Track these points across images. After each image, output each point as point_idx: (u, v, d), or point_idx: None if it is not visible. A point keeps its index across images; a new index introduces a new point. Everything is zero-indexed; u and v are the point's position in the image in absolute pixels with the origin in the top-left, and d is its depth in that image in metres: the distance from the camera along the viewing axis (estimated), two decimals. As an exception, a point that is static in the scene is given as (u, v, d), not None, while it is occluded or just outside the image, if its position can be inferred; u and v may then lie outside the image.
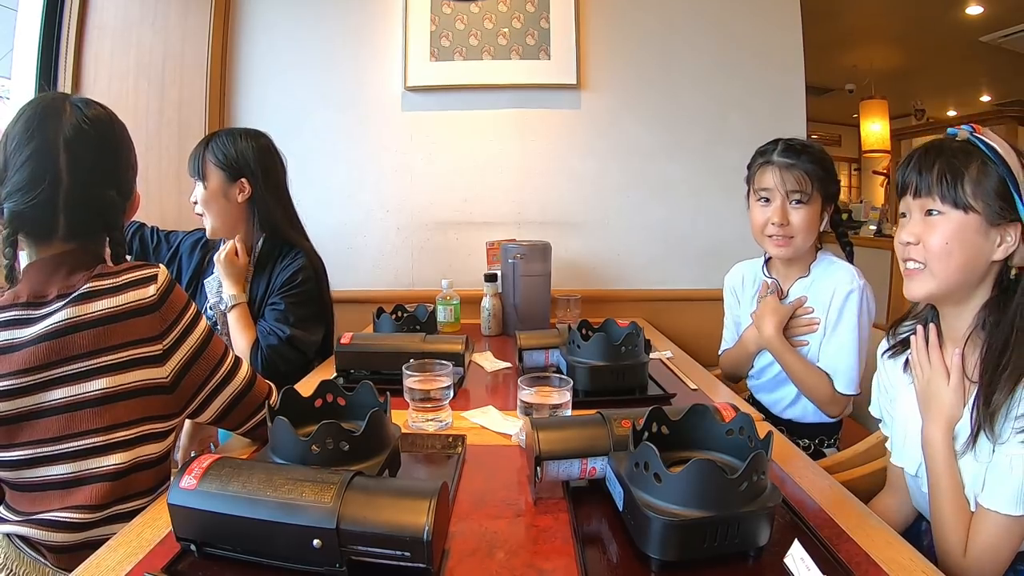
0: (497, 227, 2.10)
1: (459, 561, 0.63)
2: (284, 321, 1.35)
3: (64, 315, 0.76)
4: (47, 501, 0.78)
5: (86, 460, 0.78)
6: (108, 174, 0.86)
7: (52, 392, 0.76)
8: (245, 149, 1.41)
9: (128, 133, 0.90)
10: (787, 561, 0.60)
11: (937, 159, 0.81)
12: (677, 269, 2.11)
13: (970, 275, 0.81)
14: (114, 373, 0.77)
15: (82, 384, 0.76)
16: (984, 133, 0.80)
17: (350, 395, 0.87)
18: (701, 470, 0.59)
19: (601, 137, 2.09)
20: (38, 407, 0.77)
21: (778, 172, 1.22)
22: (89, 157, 0.83)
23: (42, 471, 0.78)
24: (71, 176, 0.81)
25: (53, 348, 0.76)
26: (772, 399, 1.37)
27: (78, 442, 0.77)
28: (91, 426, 0.77)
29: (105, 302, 0.78)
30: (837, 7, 3.59)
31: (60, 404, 0.77)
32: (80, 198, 0.82)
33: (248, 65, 2.13)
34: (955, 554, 0.78)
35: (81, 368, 0.76)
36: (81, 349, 0.76)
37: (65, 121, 0.81)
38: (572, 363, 1.14)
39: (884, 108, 5.74)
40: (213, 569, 0.61)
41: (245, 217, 1.44)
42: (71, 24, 1.77)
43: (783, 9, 2.05)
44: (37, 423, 0.77)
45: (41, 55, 1.75)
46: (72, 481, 0.78)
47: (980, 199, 0.78)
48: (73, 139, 0.81)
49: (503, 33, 2.05)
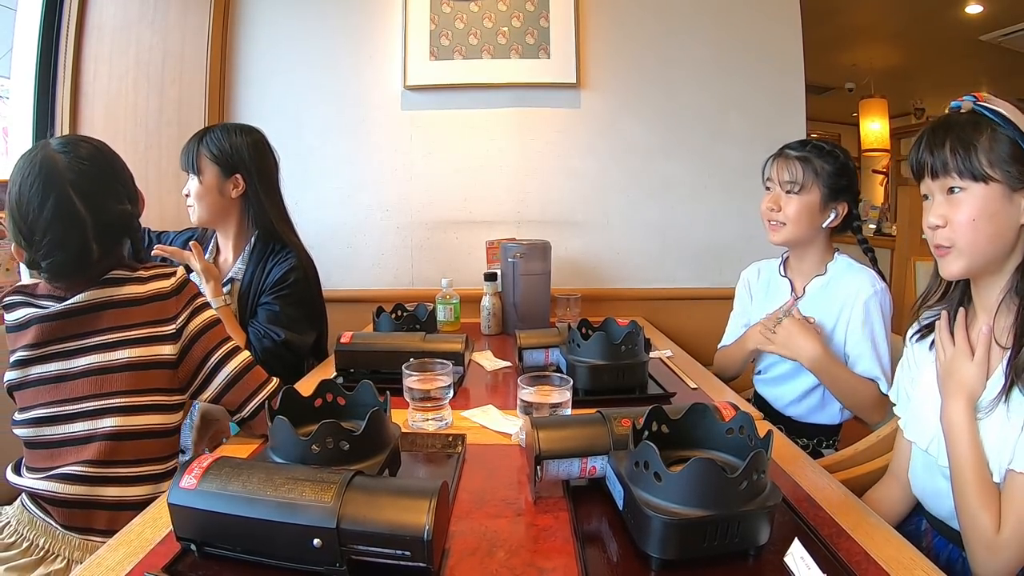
0: (497, 226, 2.10)
1: (459, 560, 0.63)
2: (277, 323, 1.35)
3: (89, 295, 0.90)
4: (62, 456, 0.89)
5: (101, 419, 0.89)
6: (117, 194, 0.95)
7: (77, 359, 0.89)
8: (240, 144, 1.41)
9: (111, 149, 0.98)
10: (787, 560, 0.60)
11: (947, 135, 0.80)
12: (677, 268, 2.11)
13: (1001, 245, 0.79)
14: (134, 347, 0.91)
15: (106, 353, 0.90)
16: (988, 100, 0.79)
17: (350, 395, 0.87)
18: (701, 469, 0.59)
19: (601, 136, 2.09)
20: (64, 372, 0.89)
21: (779, 162, 1.30)
22: (98, 190, 0.92)
23: (61, 428, 0.89)
24: (91, 213, 0.90)
25: (78, 322, 0.90)
26: (776, 394, 1.37)
27: (95, 403, 0.89)
28: (111, 389, 0.90)
29: (131, 288, 0.93)
30: (837, 6, 3.58)
31: (85, 369, 0.89)
32: (103, 225, 0.92)
33: (248, 64, 2.13)
34: (988, 533, 0.74)
35: (106, 340, 0.90)
36: (109, 324, 0.91)
37: (64, 170, 0.89)
38: (572, 362, 1.14)
39: (884, 107, 5.74)
40: (213, 569, 0.61)
41: (237, 212, 1.45)
42: (70, 23, 1.77)
43: (783, 8, 2.05)
44: (62, 385, 0.89)
45: (41, 55, 1.75)
46: (84, 438, 0.89)
47: (997, 167, 0.77)
48: (78, 182, 0.90)
49: (503, 32, 2.05)
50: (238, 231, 1.47)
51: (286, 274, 1.39)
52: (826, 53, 4.47)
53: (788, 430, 1.32)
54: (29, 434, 0.91)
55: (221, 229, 1.50)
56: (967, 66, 4.75)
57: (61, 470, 0.88)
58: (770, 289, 1.42)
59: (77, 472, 0.88)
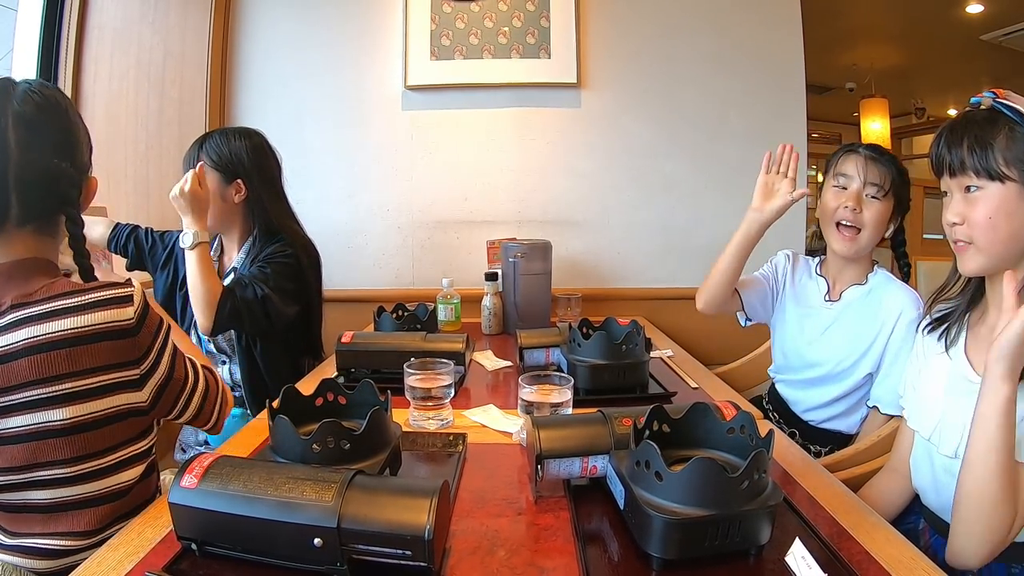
0: (497, 226, 2.10)
1: (460, 559, 0.63)
2: (264, 281, 1.33)
3: (22, 335, 0.68)
4: (29, 523, 0.74)
5: (60, 488, 0.73)
6: (61, 147, 0.79)
7: (9, 419, 0.69)
8: (239, 149, 1.41)
9: (81, 117, 0.84)
10: (788, 560, 0.60)
11: (965, 134, 0.80)
12: (678, 267, 2.11)
13: (1019, 243, 0.79)
14: (84, 400, 0.71)
15: (45, 411, 0.69)
16: (1007, 96, 0.79)
17: (351, 394, 0.87)
18: (702, 469, 0.59)
19: (601, 136, 2.09)
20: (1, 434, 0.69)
21: (862, 160, 1.20)
22: (40, 129, 0.76)
23: (19, 495, 0.73)
24: (21, 150, 0.73)
25: (6, 372, 0.68)
26: (799, 396, 1.34)
27: (46, 472, 0.72)
28: (57, 456, 0.71)
29: (71, 321, 0.70)
30: (837, 6, 3.58)
31: (21, 433, 0.69)
32: (32, 171, 0.75)
33: (248, 64, 2.13)
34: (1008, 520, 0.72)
35: (43, 394, 0.69)
36: (42, 374, 0.68)
37: (14, 98, 0.75)
38: (573, 361, 1.14)
39: (884, 107, 5.72)
40: (214, 568, 0.61)
41: (241, 216, 1.46)
42: (71, 24, 1.77)
43: (783, 7, 2.05)
44: (2, 450, 0.70)
45: (41, 55, 1.74)
46: (52, 507, 0.74)
47: (1014, 166, 0.77)
48: (22, 113, 0.74)
49: (503, 32, 2.05)
50: (242, 234, 1.48)
51: (282, 247, 1.40)
52: (826, 53, 4.46)
53: (802, 434, 1.31)
54: None
55: (226, 233, 1.50)
56: (968, 66, 4.75)
57: (31, 542, 0.74)
58: (800, 283, 1.36)
59: (52, 547, 0.74)
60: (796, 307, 1.34)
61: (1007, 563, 0.81)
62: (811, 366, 1.29)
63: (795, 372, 1.34)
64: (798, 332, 1.32)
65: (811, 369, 1.29)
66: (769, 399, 1.42)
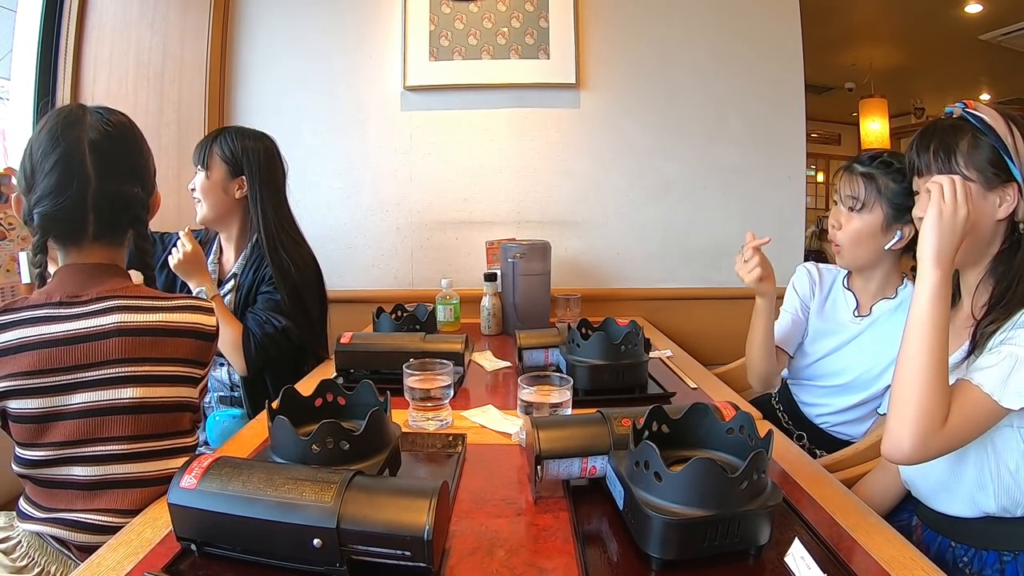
0: (496, 226, 2.10)
1: (460, 560, 0.63)
2: (278, 311, 1.37)
3: (113, 319, 0.80)
4: (69, 499, 0.80)
5: (111, 465, 0.80)
6: (132, 171, 0.89)
7: (76, 395, 0.77)
8: (250, 148, 1.44)
9: (145, 140, 0.92)
10: (788, 560, 0.60)
11: (932, 139, 0.88)
12: (676, 268, 2.11)
13: (978, 234, 0.85)
14: (155, 385, 0.82)
15: (118, 389, 0.79)
16: (976, 107, 0.86)
17: (350, 394, 0.87)
18: (701, 469, 0.59)
19: (600, 136, 2.09)
20: (63, 408, 0.77)
21: (846, 175, 1.22)
22: (114, 157, 0.85)
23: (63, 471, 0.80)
24: (98, 175, 0.83)
25: (93, 349, 0.78)
26: (813, 401, 1.32)
27: (101, 447, 0.79)
28: (118, 432, 0.79)
29: (161, 316, 0.83)
30: (836, 5, 3.58)
31: (84, 408, 0.78)
32: (108, 195, 0.84)
33: (248, 65, 2.13)
34: (938, 422, 0.74)
35: (122, 373, 0.79)
36: (128, 354, 0.79)
37: (88, 126, 0.84)
38: (572, 362, 1.14)
39: (884, 107, 5.73)
40: (214, 569, 0.61)
41: (240, 213, 1.47)
42: (70, 24, 1.77)
43: (782, 7, 2.05)
44: (60, 425, 0.77)
45: (41, 55, 1.74)
46: (96, 484, 0.80)
47: (973, 168, 0.84)
48: (98, 141, 0.84)
49: (502, 33, 2.05)
50: (240, 232, 1.49)
51: (286, 268, 1.41)
52: (826, 53, 4.47)
53: (810, 438, 1.31)
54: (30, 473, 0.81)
55: (224, 230, 1.51)
56: (967, 65, 4.75)
57: (71, 516, 0.79)
58: (830, 298, 1.32)
59: (94, 521, 0.79)
60: (824, 322, 1.32)
61: (999, 551, 0.83)
62: (834, 375, 1.28)
63: (815, 379, 1.32)
64: (824, 342, 1.30)
65: (833, 377, 1.28)
66: (780, 399, 1.41)
